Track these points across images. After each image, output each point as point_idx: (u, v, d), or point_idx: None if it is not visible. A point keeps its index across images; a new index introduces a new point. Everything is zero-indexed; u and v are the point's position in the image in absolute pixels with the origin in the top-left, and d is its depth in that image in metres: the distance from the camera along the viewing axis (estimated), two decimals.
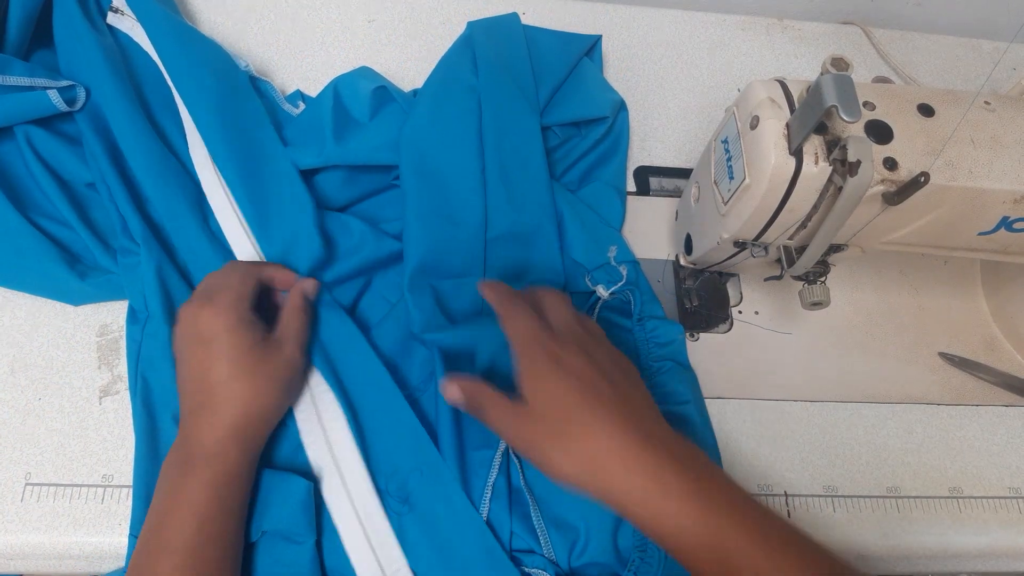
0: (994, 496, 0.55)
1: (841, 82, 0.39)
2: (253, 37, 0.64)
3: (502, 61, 0.58)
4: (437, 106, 0.55)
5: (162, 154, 0.52)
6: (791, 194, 0.43)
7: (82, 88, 0.52)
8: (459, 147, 0.55)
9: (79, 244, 0.51)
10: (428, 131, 0.54)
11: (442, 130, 0.55)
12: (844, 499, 0.54)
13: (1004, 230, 0.47)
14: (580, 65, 0.63)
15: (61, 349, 0.51)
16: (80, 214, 0.51)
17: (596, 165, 0.62)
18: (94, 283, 0.51)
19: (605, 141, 0.62)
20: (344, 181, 0.55)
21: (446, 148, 0.54)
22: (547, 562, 0.47)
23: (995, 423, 0.58)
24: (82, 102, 0.52)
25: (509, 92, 0.56)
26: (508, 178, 0.55)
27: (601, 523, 0.48)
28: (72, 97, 0.51)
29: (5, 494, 0.47)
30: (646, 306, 0.56)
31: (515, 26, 0.61)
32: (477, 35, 0.59)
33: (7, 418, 0.49)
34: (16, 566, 0.47)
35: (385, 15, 0.67)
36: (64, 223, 0.51)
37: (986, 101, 0.46)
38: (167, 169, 0.51)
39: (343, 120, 0.55)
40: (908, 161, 0.43)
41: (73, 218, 0.50)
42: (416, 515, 0.46)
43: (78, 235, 0.51)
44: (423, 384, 0.51)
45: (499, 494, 0.48)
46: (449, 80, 0.57)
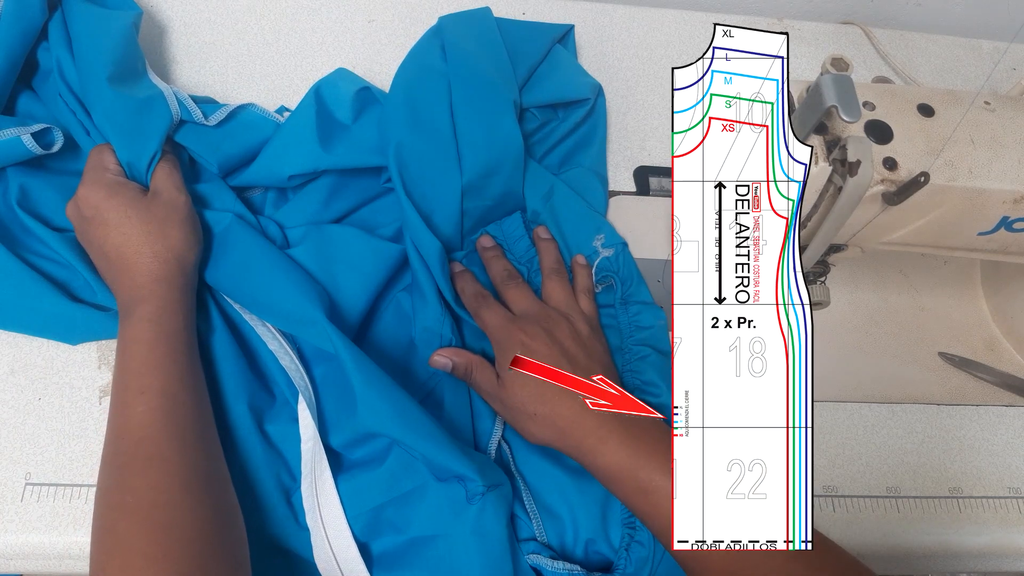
0: (994, 496, 0.55)
1: (841, 82, 0.39)
2: (253, 37, 0.64)
3: (473, 46, 0.57)
4: (409, 97, 0.55)
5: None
6: None
7: (59, 131, 0.52)
8: (433, 134, 0.54)
9: (78, 281, 0.51)
10: (403, 124, 0.54)
11: (416, 120, 0.54)
12: (844, 499, 0.54)
13: (1004, 230, 0.47)
14: (554, 51, 0.63)
15: (61, 349, 0.51)
16: (78, 252, 0.50)
17: (576, 150, 0.62)
18: (95, 319, 0.50)
19: (584, 125, 0.62)
20: (334, 191, 0.55)
21: (421, 138, 0.54)
22: (541, 545, 0.48)
23: (995, 423, 0.58)
24: (59, 145, 0.52)
25: (478, 71, 0.56)
26: (480, 156, 0.54)
27: (588, 507, 0.49)
28: (50, 141, 0.51)
29: (5, 494, 0.47)
30: (632, 289, 0.56)
31: (487, 17, 0.61)
32: (447, 25, 0.59)
33: (7, 418, 0.49)
34: (16, 566, 0.47)
35: (385, 15, 0.67)
36: (62, 263, 0.51)
37: (986, 101, 0.46)
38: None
39: (328, 124, 0.55)
40: (908, 161, 0.43)
41: (72, 257, 0.50)
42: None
43: (78, 273, 0.51)
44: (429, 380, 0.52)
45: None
46: (418, 69, 0.56)
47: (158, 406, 0.42)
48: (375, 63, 0.64)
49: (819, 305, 0.51)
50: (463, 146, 0.54)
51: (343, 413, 0.48)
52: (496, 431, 0.51)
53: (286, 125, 0.55)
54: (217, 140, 0.54)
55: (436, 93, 0.55)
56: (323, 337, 0.47)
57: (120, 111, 0.50)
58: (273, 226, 0.54)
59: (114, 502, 0.40)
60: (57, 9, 0.53)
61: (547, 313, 0.51)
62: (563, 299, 0.53)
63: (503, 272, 0.54)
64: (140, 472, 0.40)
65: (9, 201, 0.51)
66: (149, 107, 0.51)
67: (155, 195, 0.49)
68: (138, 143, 0.50)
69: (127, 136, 0.50)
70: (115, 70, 0.51)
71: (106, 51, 0.51)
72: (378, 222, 0.56)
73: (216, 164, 0.53)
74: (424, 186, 0.53)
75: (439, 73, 0.56)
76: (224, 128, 0.55)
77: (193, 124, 0.54)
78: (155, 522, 0.39)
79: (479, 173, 0.54)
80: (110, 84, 0.50)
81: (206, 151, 0.53)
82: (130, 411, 0.42)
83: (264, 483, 0.47)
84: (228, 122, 0.55)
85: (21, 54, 0.52)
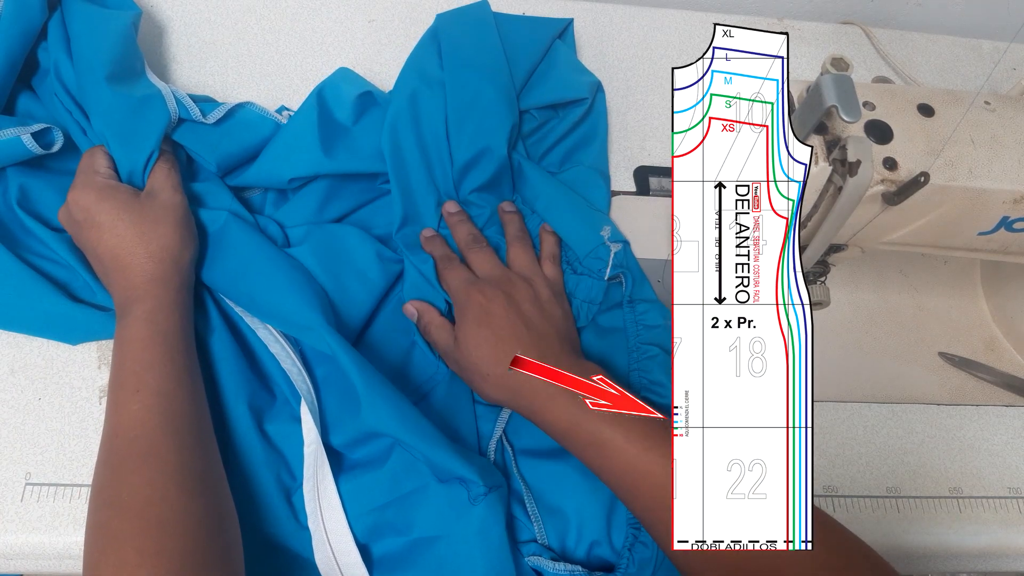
0: (994, 496, 0.55)
1: (841, 82, 0.39)
2: (253, 38, 0.64)
3: (469, 50, 0.58)
4: (409, 105, 0.55)
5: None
6: None
7: (59, 131, 0.51)
8: (431, 142, 0.55)
9: (78, 282, 0.51)
10: (403, 131, 0.54)
11: (415, 128, 0.55)
12: (844, 499, 0.54)
13: (1004, 230, 0.47)
14: (554, 48, 0.62)
15: (61, 349, 0.51)
16: (77, 253, 0.50)
17: (576, 148, 0.62)
18: (95, 319, 0.50)
19: (584, 123, 0.62)
20: (331, 193, 0.55)
21: (419, 146, 0.55)
22: (541, 547, 0.47)
23: (995, 423, 0.58)
24: (59, 144, 0.51)
25: (472, 78, 0.56)
26: (473, 165, 0.55)
27: (595, 508, 0.48)
28: (50, 141, 0.51)
29: (5, 494, 0.47)
30: (637, 288, 0.56)
31: (485, 14, 0.61)
32: (444, 27, 0.59)
33: (7, 418, 0.49)
34: (16, 566, 0.47)
35: (385, 15, 0.67)
36: (61, 263, 0.51)
37: (986, 101, 0.46)
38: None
39: (330, 128, 0.55)
40: (908, 161, 0.43)
41: (71, 258, 0.50)
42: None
43: (77, 274, 0.51)
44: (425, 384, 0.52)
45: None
46: (416, 77, 0.57)
47: (153, 404, 0.42)
48: (375, 63, 0.64)
49: (819, 305, 0.51)
50: (456, 162, 0.55)
51: (345, 412, 0.48)
52: (496, 432, 0.51)
53: (288, 128, 0.55)
54: (215, 139, 0.54)
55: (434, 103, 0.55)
56: (321, 341, 0.47)
57: (117, 110, 0.50)
58: (273, 225, 0.54)
59: (108, 499, 0.40)
60: (57, 9, 0.53)
61: (508, 276, 0.52)
62: (526, 263, 0.53)
63: (468, 236, 0.54)
64: (135, 470, 0.40)
65: (9, 201, 0.51)
66: (146, 106, 0.51)
67: (150, 195, 0.49)
68: (135, 142, 0.50)
69: (124, 135, 0.50)
70: (113, 69, 0.51)
71: (104, 51, 0.51)
72: (375, 224, 0.57)
73: (214, 163, 0.53)
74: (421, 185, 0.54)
75: (436, 82, 0.56)
76: (222, 127, 0.55)
77: (191, 123, 0.54)
78: (149, 519, 0.39)
79: (470, 187, 0.55)
80: (108, 83, 0.50)
81: (204, 150, 0.53)
82: (125, 409, 0.42)
83: (264, 483, 0.47)
84: (226, 120, 0.55)
85: (21, 54, 0.52)
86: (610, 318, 0.55)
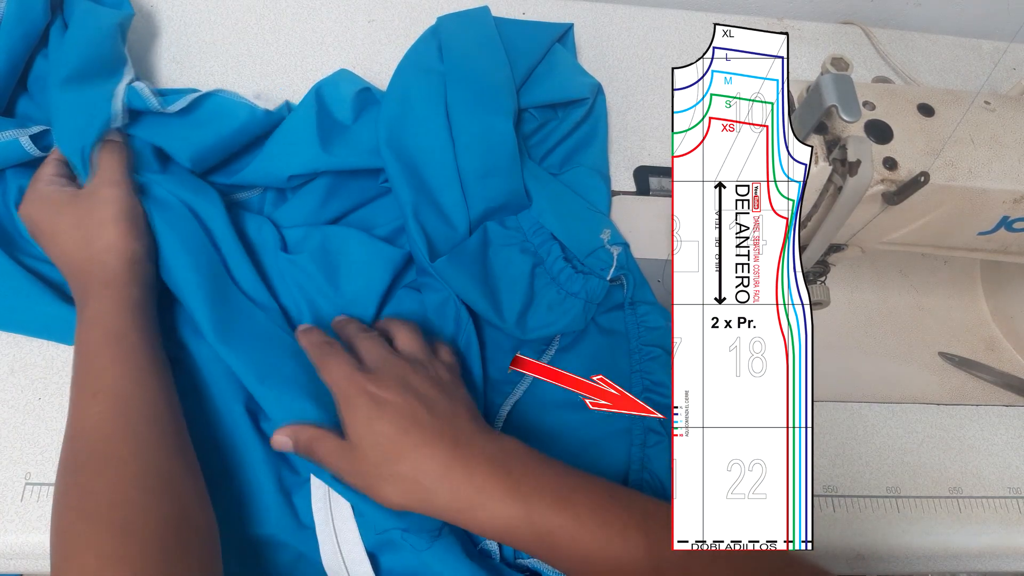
0: (994, 496, 0.55)
1: (841, 82, 0.39)
2: (252, 37, 0.64)
3: (470, 46, 0.58)
4: (405, 95, 0.55)
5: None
6: None
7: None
8: (430, 133, 0.54)
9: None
10: (400, 122, 0.54)
11: (412, 118, 0.54)
12: (844, 499, 0.54)
13: (1004, 230, 0.47)
14: (553, 50, 0.63)
15: (61, 349, 0.51)
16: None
17: (577, 150, 0.62)
18: None
19: (584, 124, 0.62)
20: (331, 191, 0.55)
21: (418, 136, 0.54)
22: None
23: (995, 423, 0.58)
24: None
25: (474, 71, 0.56)
26: (476, 156, 0.54)
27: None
28: (48, 143, 0.51)
29: (5, 494, 0.47)
30: (638, 290, 0.56)
31: (485, 17, 0.61)
32: (445, 27, 0.59)
33: (7, 418, 0.49)
34: (16, 566, 0.47)
35: (385, 15, 0.67)
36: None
37: (986, 101, 0.46)
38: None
39: (329, 125, 0.55)
40: (908, 161, 0.43)
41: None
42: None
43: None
44: None
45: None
46: (414, 69, 0.57)
47: (111, 407, 0.42)
48: (375, 63, 0.64)
49: (819, 305, 0.51)
50: (459, 147, 0.54)
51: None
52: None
53: (286, 125, 0.55)
54: (185, 131, 0.52)
55: (431, 92, 0.55)
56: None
57: (62, 110, 0.49)
58: (268, 227, 0.54)
59: (70, 503, 0.40)
60: (58, 13, 0.53)
61: (400, 361, 0.45)
62: (418, 347, 0.48)
63: (354, 328, 0.49)
64: (97, 473, 0.40)
65: (7, 204, 0.51)
66: (90, 102, 0.50)
67: (89, 193, 0.48)
68: (75, 137, 0.49)
69: (65, 134, 0.49)
70: (78, 70, 0.50)
71: (73, 52, 0.50)
72: (376, 222, 0.56)
73: (188, 157, 0.51)
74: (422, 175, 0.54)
75: (435, 73, 0.56)
76: (191, 117, 0.53)
77: (154, 115, 0.52)
78: (112, 523, 0.38)
79: (477, 173, 0.54)
80: (65, 84, 0.49)
81: (173, 143, 0.51)
82: (84, 414, 0.42)
83: (264, 483, 0.47)
84: (195, 110, 0.53)
85: (22, 56, 0.52)
86: (610, 319, 0.55)
